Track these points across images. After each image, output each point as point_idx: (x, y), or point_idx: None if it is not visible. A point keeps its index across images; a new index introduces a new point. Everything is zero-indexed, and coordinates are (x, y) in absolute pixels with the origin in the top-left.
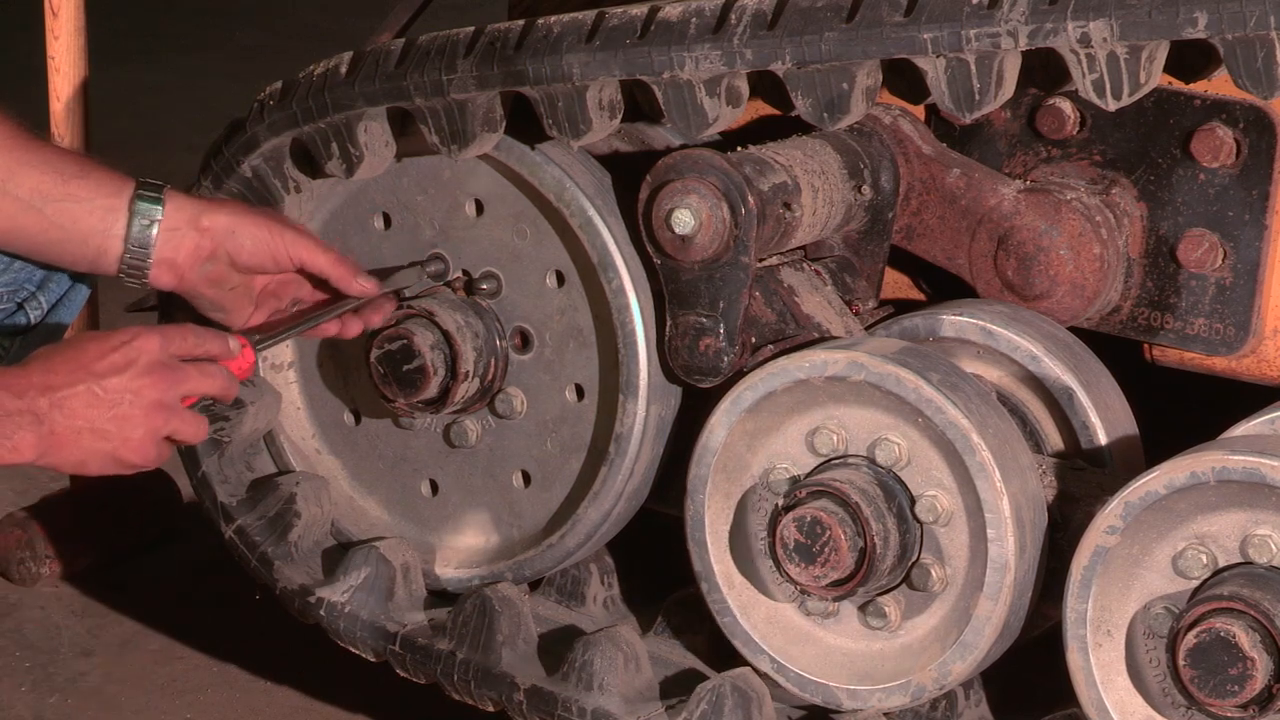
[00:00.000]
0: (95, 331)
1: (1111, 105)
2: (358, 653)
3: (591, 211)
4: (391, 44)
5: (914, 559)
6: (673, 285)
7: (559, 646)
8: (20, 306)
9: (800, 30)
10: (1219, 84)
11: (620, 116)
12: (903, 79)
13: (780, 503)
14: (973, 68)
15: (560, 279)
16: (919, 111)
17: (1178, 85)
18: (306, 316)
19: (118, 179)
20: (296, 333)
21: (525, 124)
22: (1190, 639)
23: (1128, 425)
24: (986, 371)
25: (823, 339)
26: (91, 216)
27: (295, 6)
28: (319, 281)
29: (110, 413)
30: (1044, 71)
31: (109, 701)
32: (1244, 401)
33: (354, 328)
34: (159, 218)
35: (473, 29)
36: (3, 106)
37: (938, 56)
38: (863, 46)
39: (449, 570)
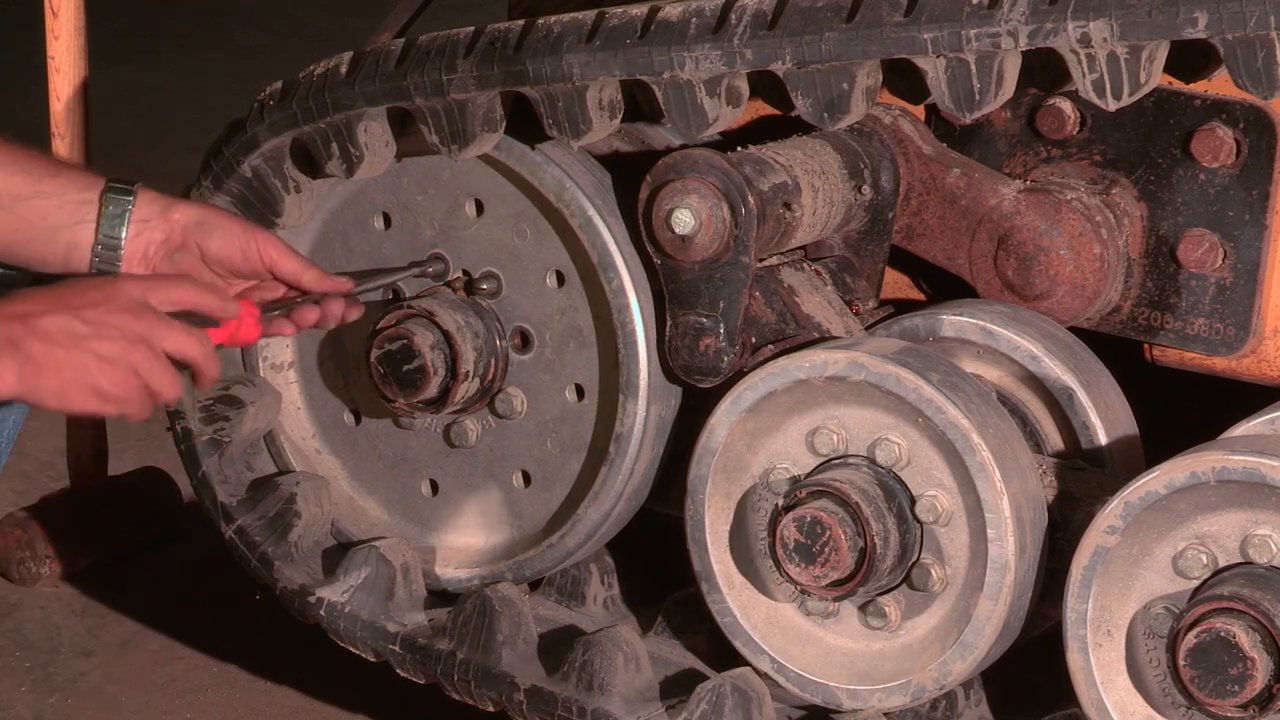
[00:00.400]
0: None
1: (1111, 105)
2: (358, 653)
3: (591, 211)
4: (391, 44)
5: (914, 559)
6: (673, 285)
7: (559, 646)
8: None
9: (800, 30)
10: (1219, 84)
11: (620, 116)
12: (903, 79)
13: (780, 503)
14: (973, 68)
15: (560, 279)
16: (919, 111)
17: (1178, 85)
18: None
19: (89, 176)
20: (298, 305)
21: (525, 124)
22: (1190, 639)
23: (1128, 425)
24: (986, 371)
25: (823, 339)
26: (61, 211)
27: (295, 6)
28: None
29: (88, 342)
30: (1044, 71)
31: (109, 701)
32: (1244, 401)
33: (311, 315)
34: (130, 209)
35: (473, 29)
36: None
37: (938, 56)
38: (863, 46)
39: (449, 570)
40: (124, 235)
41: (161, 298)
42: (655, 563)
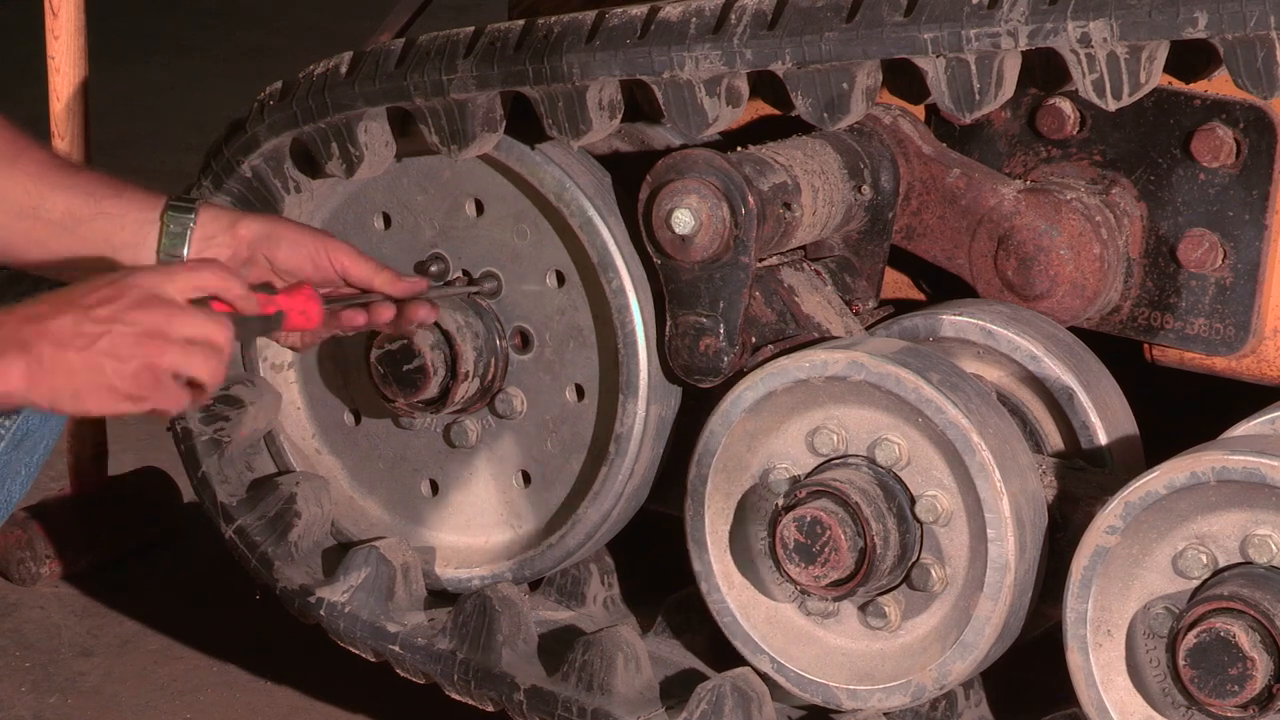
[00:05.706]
0: None
1: (1111, 105)
2: (358, 653)
3: (591, 211)
4: (391, 44)
5: (914, 559)
6: (673, 285)
7: (559, 646)
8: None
9: (800, 30)
10: (1219, 84)
11: (620, 116)
12: (903, 79)
13: (780, 503)
14: (973, 68)
15: (560, 279)
16: (919, 111)
17: (1178, 85)
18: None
19: (151, 196)
20: (359, 303)
21: (525, 124)
22: (1190, 639)
23: (1128, 425)
24: (986, 371)
25: (823, 339)
26: (124, 232)
27: (295, 6)
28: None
29: (100, 342)
30: (1044, 71)
31: (109, 701)
32: (1244, 401)
33: (386, 313)
34: (192, 226)
35: (473, 29)
36: (35, 139)
37: (938, 56)
38: (863, 46)
39: (449, 570)
40: (185, 253)
41: (181, 285)
42: (655, 563)
